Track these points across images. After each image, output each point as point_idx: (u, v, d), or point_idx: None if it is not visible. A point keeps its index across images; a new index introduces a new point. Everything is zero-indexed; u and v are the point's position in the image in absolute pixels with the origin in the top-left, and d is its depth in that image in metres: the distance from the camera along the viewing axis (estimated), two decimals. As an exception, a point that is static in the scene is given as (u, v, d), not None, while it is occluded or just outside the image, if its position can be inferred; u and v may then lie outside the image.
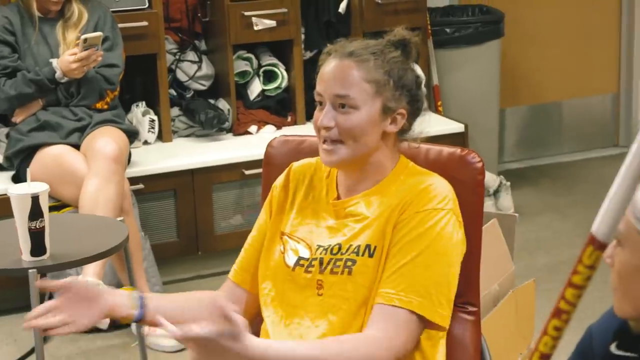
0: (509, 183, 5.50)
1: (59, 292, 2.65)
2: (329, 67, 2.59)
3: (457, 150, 2.84)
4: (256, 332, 2.74)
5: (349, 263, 2.61)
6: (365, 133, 2.57)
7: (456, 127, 5.73)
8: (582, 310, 1.96)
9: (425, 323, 2.53)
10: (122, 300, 2.72)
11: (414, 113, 2.62)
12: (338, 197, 2.71)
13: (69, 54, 4.85)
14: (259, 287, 2.78)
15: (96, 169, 4.68)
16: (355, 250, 2.62)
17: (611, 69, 7.12)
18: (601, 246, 1.72)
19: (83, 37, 4.83)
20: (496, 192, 5.62)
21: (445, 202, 2.59)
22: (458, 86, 6.20)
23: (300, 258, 2.69)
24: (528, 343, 3.74)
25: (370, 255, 2.59)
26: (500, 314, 3.38)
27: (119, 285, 4.71)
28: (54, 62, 4.92)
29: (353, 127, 2.56)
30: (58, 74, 4.90)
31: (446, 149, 2.85)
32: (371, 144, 2.60)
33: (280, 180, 2.85)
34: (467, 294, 2.76)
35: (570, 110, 7.11)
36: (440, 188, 2.61)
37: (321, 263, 2.65)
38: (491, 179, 5.49)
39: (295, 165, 2.85)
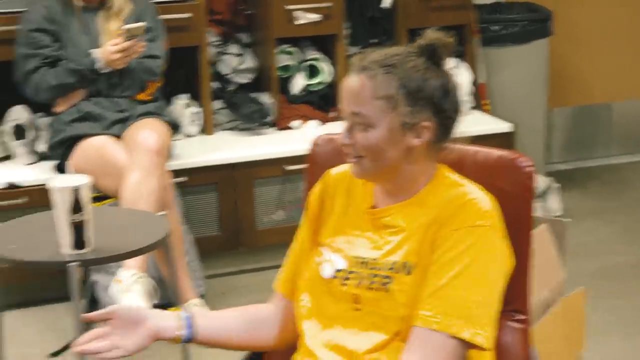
0: (558, 185, 5.46)
1: (105, 320, 2.66)
2: (346, 82, 2.55)
3: (507, 154, 2.79)
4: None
5: (386, 280, 2.58)
6: (384, 150, 2.54)
7: (504, 126, 5.72)
8: None
9: (467, 345, 2.48)
10: (169, 322, 2.74)
11: (443, 123, 2.55)
12: (375, 206, 2.68)
13: (111, 44, 4.88)
14: (297, 299, 2.79)
15: (138, 161, 4.72)
16: (393, 266, 2.59)
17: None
18: None
19: (125, 27, 4.87)
20: (544, 194, 5.58)
21: (486, 219, 2.54)
22: (505, 85, 6.19)
23: (337, 270, 2.67)
24: (578, 351, 3.71)
25: (408, 273, 2.55)
26: (550, 322, 3.37)
27: (160, 279, 4.73)
28: (95, 52, 4.96)
29: (370, 145, 2.53)
30: (99, 65, 4.93)
31: (495, 152, 2.81)
32: (394, 159, 2.55)
33: (317, 187, 2.84)
34: (515, 302, 2.74)
35: (620, 112, 7.04)
36: (481, 203, 2.56)
37: (359, 277, 2.63)
38: (539, 181, 5.47)
39: (333, 172, 2.83)
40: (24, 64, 5.08)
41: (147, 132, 4.86)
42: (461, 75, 5.91)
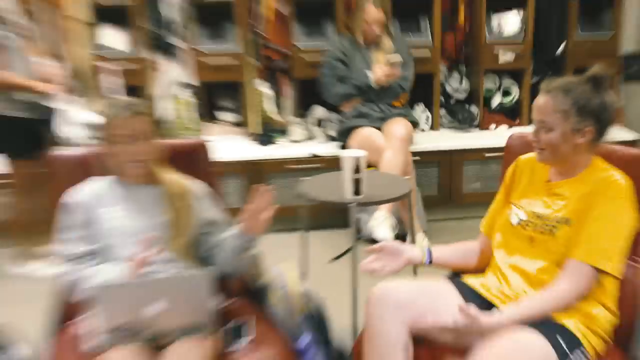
0: None
1: (378, 251, 2.83)
2: (537, 99, 2.62)
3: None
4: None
5: (553, 228, 2.64)
6: (559, 146, 2.59)
7: (632, 136, 5.54)
8: None
9: (604, 273, 2.56)
10: (417, 253, 2.89)
11: (600, 130, 2.58)
12: (549, 180, 2.74)
13: (379, 70, 5.00)
14: (493, 236, 2.88)
15: (392, 145, 4.80)
16: (558, 219, 2.64)
17: None
18: None
19: (389, 60, 4.98)
20: None
21: (623, 193, 2.58)
22: (634, 108, 5.94)
23: (520, 220, 2.75)
24: None
25: (568, 224, 2.61)
26: None
27: (399, 219, 4.80)
28: (369, 74, 5.04)
29: (549, 142, 2.60)
30: (372, 83, 5.04)
31: (632, 150, 2.78)
32: (566, 151, 2.60)
33: (511, 167, 2.89)
34: (636, 250, 2.72)
35: None
36: (620, 181, 2.59)
37: (534, 225, 2.70)
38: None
39: (522, 157, 2.88)
40: (325, 79, 5.20)
41: (398, 126, 4.93)
42: None
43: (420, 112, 5.77)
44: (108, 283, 2.73)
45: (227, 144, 5.42)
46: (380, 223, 4.63)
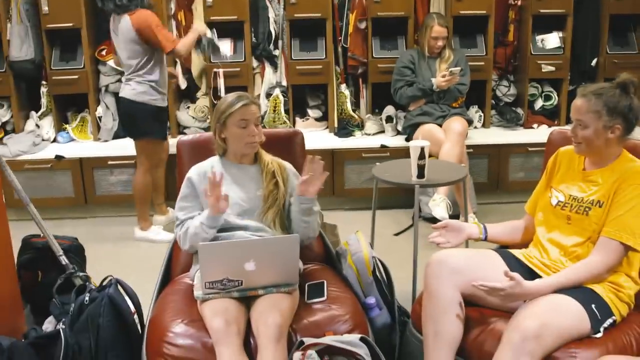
0: None
1: (443, 227, 2.86)
2: (575, 101, 2.62)
3: None
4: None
5: (587, 209, 2.62)
6: (592, 140, 2.59)
7: None
8: None
9: (631, 249, 2.53)
10: (475, 230, 2.90)
11: (628, 127, 2.59)
12: (585, 169, 2.71)
13: (441, 76, 4.94)
14: (535, 215, 2.84)
15: (450, 138, 4.75)
16: (591, 202, 2.62)
17: None
18: None
19: (450, 69, 4.94)
20: None
21: None
22: None
23: (559, 201, 2.72)
24: None
25: (600, 206, 2.59)
26: None
27: (454, 201, 4.74)
28: (433, 80, 5.00)
29: (585, 138, 2.60)
30: (434, 87, 4.98)
31: None
32: (599, 145, 2.60)
33: (552, 157, 2.85)
34: None
35: None
36: None
37: (571, 206, 2.67)
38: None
39: (562, 149, 2.85)
40: (396, 84, 5.17)
41: (456, 123, 4.86)
42: None
43: (474, 112, 5.65)
44: (209, 243, 2.75)
45: (313, 136, 5.40)
46: (439, 204, 4.58)
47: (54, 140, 5.50)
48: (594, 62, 5.69)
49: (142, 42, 4.43)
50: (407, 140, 5.18)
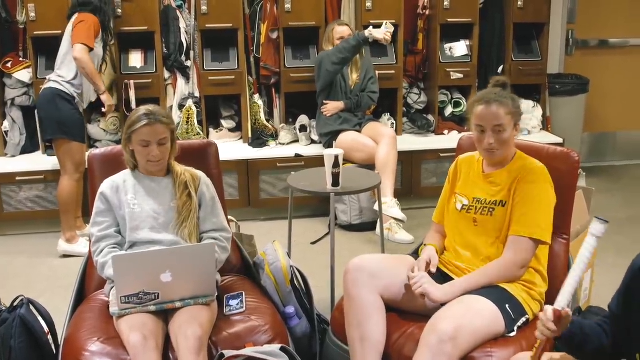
0: (584, 173, 5.34)
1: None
2: (485, 109, 2.62)
3: (566, 150, 2.87)
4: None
5: (491, 210, 2.66)
6: (508, 142, 2.65)
7: (559, 139, 5.47)
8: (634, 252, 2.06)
9: (539, 243, 2.59)
10: (432, 251, 2.80)
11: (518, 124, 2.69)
12: (484, 172, 2.76)
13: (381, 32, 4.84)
14: (445, 221, 2.87)
15: (385, 141, 4.81)
16: (495, 202, 2.67)
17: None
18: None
19: (387, 22, 4.88)
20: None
21: (543, 176, 2.63)
22: (561, 118, 5.97)
23: (463, 205, 2.75)
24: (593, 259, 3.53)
25: (503, 206, 2.64)
26: (579, 241, 3.32)
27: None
28: (369, 31, 4.84)
29: (504, 141, 2.64)
30: (370, 39, 4.81)
31: (559, 149, 2.88)
32: (511, 146, 2.68)
33: (453, 165, 2.91)
34: (563, 227, 2.81)
35: (622, 137, 6.65)
36: (541, 168, 2.65)
37: (475, 209, 2.71)
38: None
39: (461, 157, 2.91)
40: (323, 61, 5.03)
41: (384, 128, 4.99)
42: (537, 110, 5.85)
43: (387, 120, 5.66)
44: (122, 254, 2.70)
45: (226, 146, 5.37)
46: (392, 206, 4.66)
47: (-42, 157, 5.34)
48: (500, 69, 5.81)
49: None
50: (326, 147, 5.13)
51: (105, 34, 4.73)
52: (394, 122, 5.69)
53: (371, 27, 4.94)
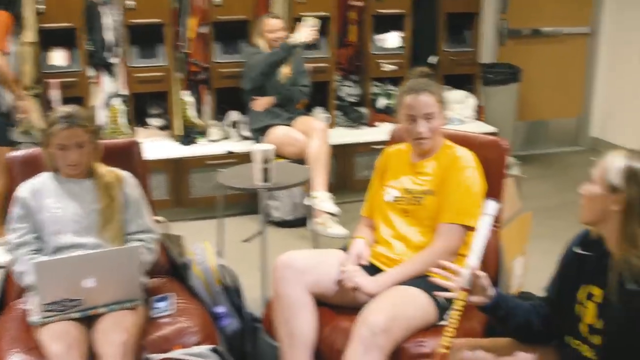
0: (519, 161, 5.39)
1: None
2: (416, 98, 2.65)
3: (495, 138, 2.92)
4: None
5: (420, 199, 2.69)
6: (438, 129, 2.70)
7: (492, 129, 5.56)
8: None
9: (468, 229, 2.61)
10: (361, 245, 2.80)
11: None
12: (413, 162, 2.78)
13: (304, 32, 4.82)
14: (375, 214, 2.86)
15: (317, 135, 4.77)
16: (424, 192, 2.70)
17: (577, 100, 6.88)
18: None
19: (306, 18, 4.85)
20: (509, 165, 5.48)
21: (471, 163, 2.68)
22: (493, 107, 6.04)
23: (394, 197, 2.77)
24: (524, 245, 3.61)
25: (432, 195, 2.68)
26: (510, 229, 3.35)
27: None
28: (294, 36, 4.83)
29: (435, 129, 2.69)
30: (297, 42, 4.78)
31: (490, 137, 2.94)
32: (439, 133, 2.73)
33: (380, 157, 2.93)
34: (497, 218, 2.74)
35: (553, 125, 6.79)
36: (468, 156, 2.70)
37: (405, 199, 2.74)
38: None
39: (388, 149, 2.94)
40: (251, 72, 4.98)
41: (316, 121, 4.98)
42: (470, 100, 5.89)
43: (319, 114, 5.65)
44: (43, 260, 2.62)
45: (155, 145, 5.23)
46: (325, 200, 4.63)
47: None
48: (433, 60, 5.81)
49: None
50: (257, 142, 5.01)
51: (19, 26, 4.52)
52: (328, 115, 5.68)
53: (295, 33, 4.88)
